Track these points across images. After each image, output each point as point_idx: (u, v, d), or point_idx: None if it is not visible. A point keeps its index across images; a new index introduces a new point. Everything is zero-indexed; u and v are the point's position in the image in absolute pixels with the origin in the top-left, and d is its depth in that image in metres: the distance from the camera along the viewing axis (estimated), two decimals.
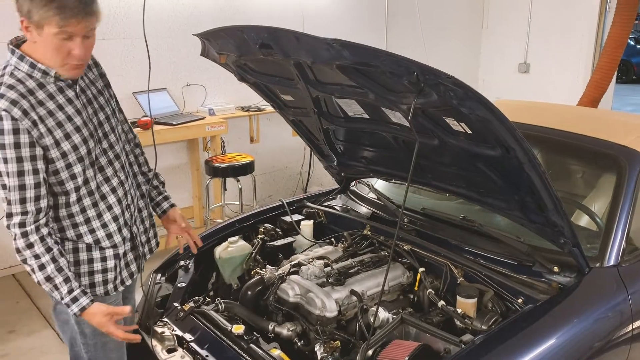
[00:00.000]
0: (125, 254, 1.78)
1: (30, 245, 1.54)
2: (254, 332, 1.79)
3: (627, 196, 2.00)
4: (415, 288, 2.03)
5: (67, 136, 1.56)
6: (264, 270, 2.09)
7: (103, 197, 1.69)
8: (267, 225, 2.45)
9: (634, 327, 1.81)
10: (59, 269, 1.57)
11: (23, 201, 1.51)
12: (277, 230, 2.45)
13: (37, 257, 1.55)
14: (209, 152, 4.25)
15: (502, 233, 2.00)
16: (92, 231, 1.67)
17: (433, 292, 1.92)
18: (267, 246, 2.34)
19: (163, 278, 2.15)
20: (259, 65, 2.02)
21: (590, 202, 2.25)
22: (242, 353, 1.70)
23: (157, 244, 1.96)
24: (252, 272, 2.14)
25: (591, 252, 1.90)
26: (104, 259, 1.71)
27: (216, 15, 4.33)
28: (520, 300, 1.78)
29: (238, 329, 1.76)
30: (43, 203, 1.55)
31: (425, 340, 1.67)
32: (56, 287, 1.58)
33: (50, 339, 2.99)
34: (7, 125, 1.45)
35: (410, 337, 1.74)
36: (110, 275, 1.73)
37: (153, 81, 4.00)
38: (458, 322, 1.77)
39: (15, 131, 1.46)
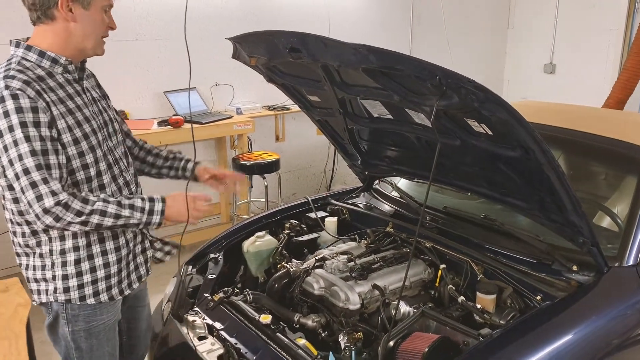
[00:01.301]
0: (134, 256, 1.75)
1: (79, 213, 1.47)
2: (280, 322, 1.87)
3: None
4: (436, 284, 2.08)
5: (79, 124, 1.53)
6: (289, 263, 2.17)
7: (112, 196, 1.63)
8: (292, 221, 2.53)
9: None
10: (119, 204, 1.54)
11: (53, 179, 1.44)
12: (303, 226, 2.52)
13: (92, 212, 1.49)
14: (236, 150, 4.36)
15: (522, 232, 2.04)
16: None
17: (453, 288, 1.97)
18: (293, 241, 2.41)
19: (194, 270, 2.25)
20: (288, 67, 2.09)
21: (612, 204, 2.27)
22: (269, 341, 1.77)
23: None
24: (279, 266, 2.22)
25: (611, 252, 1.92)
26: (106, 265, 1.66)
27: (244, 18, 4.43)
28: (538, 297, 1.81)
29: (265, 318, 1.84)
30: (63, 183, 1.48)
31: (445, 333, 1.72)
32: (129, 217, 1.55)
33: None
34: (25, 103, 1.41)
35: (430, 330, 1.79)
36: (114, 280, 1.69)
37: (184, 81, 4.15)
38: (477, 317, 1.81)
39: (34, 109, 1.42)
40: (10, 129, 1.40)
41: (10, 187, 1.51)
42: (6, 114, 1.40)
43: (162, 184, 2.02)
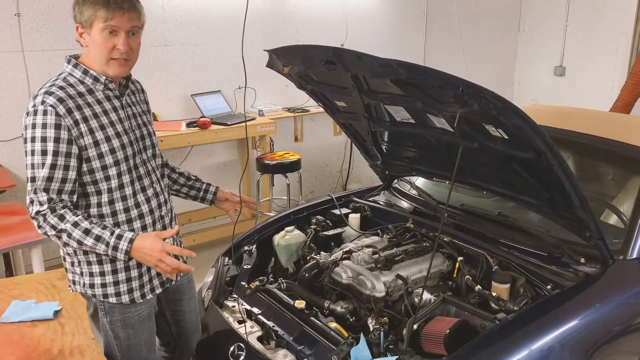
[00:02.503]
0: None
1: (53, 227, 1.60)
2: (313, 308, 2.04)
3: None
4: (454, 275, 2.22)
5: (108, 139, 1.68)
6: (318, 255, 2.33)
7: (137, 205, 1.78)
8: (318, 217, 2.68)
9: None
10: (86, 231, 1.61)
11: (46, 191, 1.60)
12: (328, 222, 2.67)
13: (62, 231, 1.61)
14: (258, 150, 4.55)
15: (533, 227, 2.18)
16: None
17: (470, 279, 2.10)
18: (320, 235, 2.56)
19: (230, 261, 2.44)
20: (319, 76, 2.24)
21: (618, 202, 2.40)
22: (304, 324, 1.94)
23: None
24: (308, 258, 2.37)
25: (616, 247, 2.05)
26: (127, 268, 1.78)
27: (266, 22, 4.61)
28: (549, 287, 1.94)
29: (300, 304, 2.01)
30: (64, 196, 1.63)
31: (464, 317, 1.87)
32: (93, 247, 1.63)
33: None
34: (51, 119, 1.58)
35: (450, 315, 1.94)
36: (135, 284, 1.80)
37: (208, 84, 4.36)
38: (493, 304, 1.96)
39: (57, 126, 1.58)
40: (33, 139, 1.60)
41: (33, 179, 1.64)
42: (34, 126, 1.59)
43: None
